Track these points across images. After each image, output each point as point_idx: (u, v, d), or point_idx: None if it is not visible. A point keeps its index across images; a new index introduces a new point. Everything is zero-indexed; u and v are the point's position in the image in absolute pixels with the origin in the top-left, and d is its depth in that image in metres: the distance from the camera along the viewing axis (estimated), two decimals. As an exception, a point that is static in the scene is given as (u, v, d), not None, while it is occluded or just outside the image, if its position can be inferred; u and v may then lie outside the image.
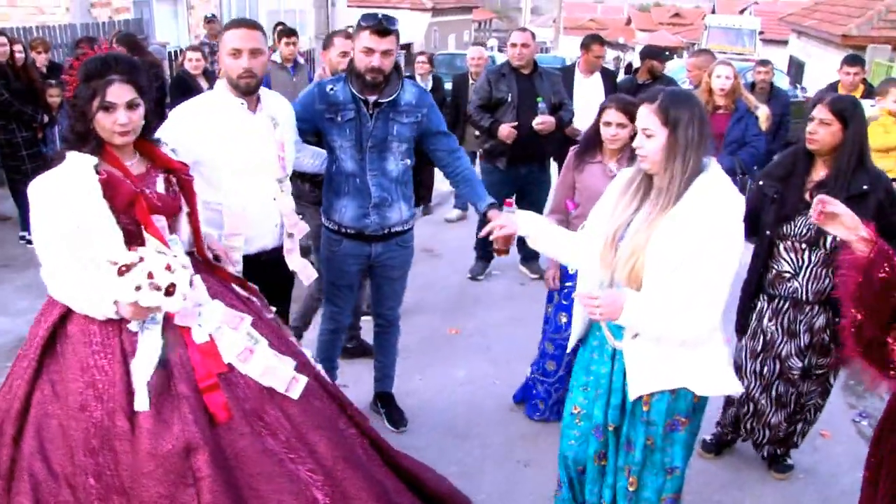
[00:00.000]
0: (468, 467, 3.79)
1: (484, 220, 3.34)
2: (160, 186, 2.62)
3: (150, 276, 2.27)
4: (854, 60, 6.56)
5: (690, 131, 2.37)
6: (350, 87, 3.40)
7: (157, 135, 2.84)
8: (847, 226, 2.23)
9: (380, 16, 3.29)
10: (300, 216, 3.38)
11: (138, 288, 2.26)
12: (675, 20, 50.67)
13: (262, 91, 3.21)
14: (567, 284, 3.88)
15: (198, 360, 2.46)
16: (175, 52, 11.76)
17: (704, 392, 2.53)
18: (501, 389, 4.51)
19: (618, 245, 2.50)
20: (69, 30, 9.83)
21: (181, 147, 2.89)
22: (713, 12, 35.86)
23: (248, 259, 3.14)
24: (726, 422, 3.79)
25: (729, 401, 3.74)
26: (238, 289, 2.84)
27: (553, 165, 5.96)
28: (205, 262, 2.80)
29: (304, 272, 3.37)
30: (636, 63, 7.85)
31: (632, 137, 3.57)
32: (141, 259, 2.30)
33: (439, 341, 4.78)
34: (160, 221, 2.56)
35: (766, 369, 3.46)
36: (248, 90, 3.06)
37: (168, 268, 2.31)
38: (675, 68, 12.87)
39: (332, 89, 3.41)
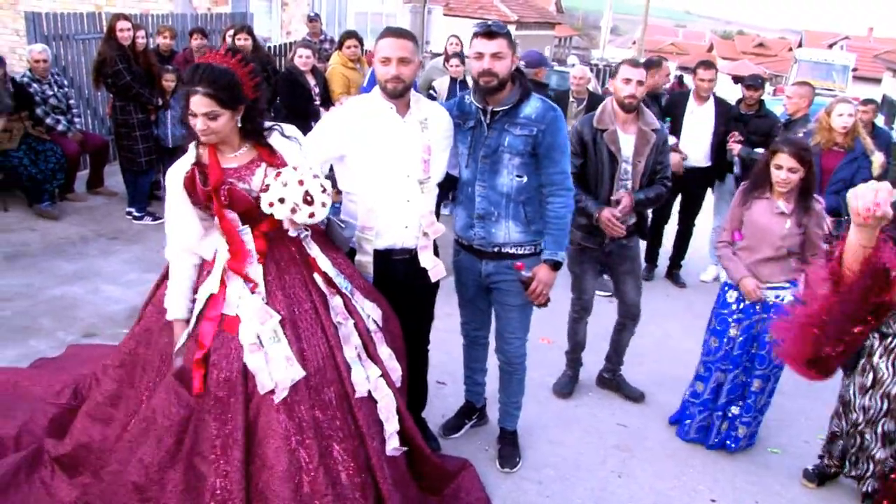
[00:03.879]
0: (562, 472, 3.89)
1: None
2: (257, 178, 2.90)
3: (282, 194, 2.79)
4: None
5: None
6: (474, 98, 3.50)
7: (317, 127, 3.29)
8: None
9: (489, 22, 3.41)
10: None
11: (271, 204, 2.79)
12: (759, 50, 49.93)
13: (418, 97, 3.40)
14: (722, 311, 4.03)
15: (204, 331, 2.84)
16: (271, 48, 12.10)
17: None
18: (590, 399, 4.61)
19: None
20: (180, 19, 10.19)
21: (330, 141, 3.27)
22: (800, 45, 35.21)
23: (379, 254, 3.37)
24: (834, 454, 3.82)
25: (835, 434, 3.76)
26: (320, 280, 3.02)
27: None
28: (296, 248, 3.03)
29: (435, 270, 3.48)
30: (720, 93, 7.69)
31: (802, 179, 3.68)
32: (277, 175, 2.82)
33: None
34: (232, 215, 2.89)
35: (873, 405, 3.47)
36: (394, 94, 3.22)
37: (300, 182, 2.79)
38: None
39: (468, 100, 3.51)
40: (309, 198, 2.79)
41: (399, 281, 3.42)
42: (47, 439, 3.29)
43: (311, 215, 2.82)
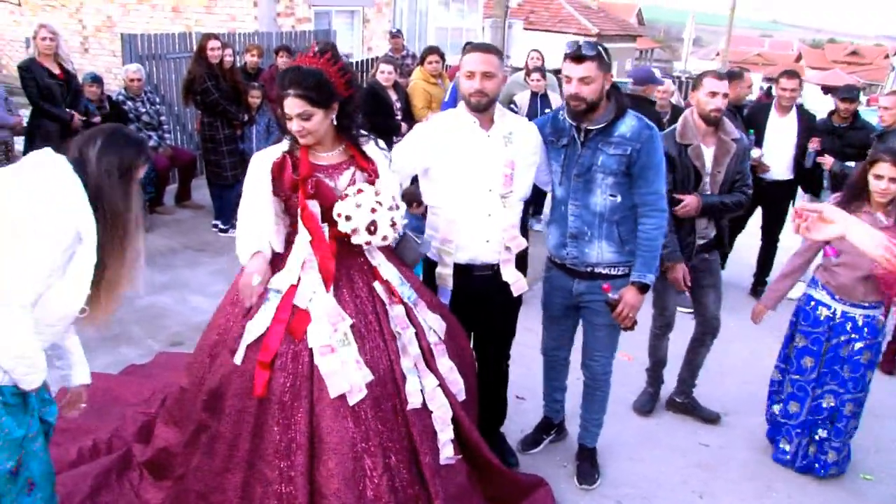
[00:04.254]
0: (642, 491, 3.81)
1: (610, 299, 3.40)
2: (344, 178, 2.97)
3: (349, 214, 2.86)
4: None
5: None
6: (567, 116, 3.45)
7: (402, 141, 3.41)
8: (830, 219, 2.17)
9: (579, 42, 3.32)
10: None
11: (339, 215, 2.86)
12: (851, 59, 48.21)
13: (504, 112, 3.40)
14: (815, 330, 3.90)
15: (273, 334, 2.84)
16: (353, 64, 12.31)
17: None
18: (671, 416, 4.53)
19: None
20: (265, 37, 10.49)
21: (414, 154, 3.35)
22: (896, 53, 33.82)
23: (460, 268, 3.39)
24: None
25: None
26: (380, 289, 3.05)
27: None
28: (364, 259, 3.07)
29: (517, 284, 3.45)
30: (809, 104, 7.38)
31: None
32: (359, 192, 2.89)
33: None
34: (315, 208, 2.93)
35: None
36: (478, 108, 3.24)
37: (373, 210, 2.85)
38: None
39: (562, 116, 3.46)
40: (373, 228, 2.85)
41: (481, 296, 3.42)
42: (135, 444, 3.41)
43: (368, 243, 2.90)
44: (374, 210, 2.85)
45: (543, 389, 4.07)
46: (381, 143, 3.18)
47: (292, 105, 2.82)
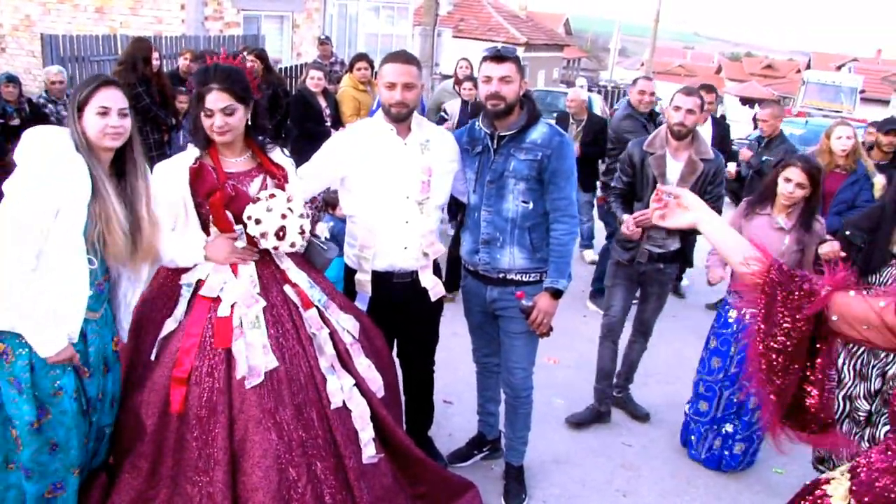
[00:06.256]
0: (568, 491, 3.92)
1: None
2: (255, 185, 2.97)
3: (258, 219, 2.86)
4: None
5: None
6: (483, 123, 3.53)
7: (318, 151, 3.41)
8: (686, 206, 2.08)
9: (498, 46, 3.45)
10: None
11: (249, 217, 2.85)
12: (767, 72, 50.07)
13: (421, 120, 3.46)
14: (724, 331, 4.08)
15: (186, 349, 2.83)
16: (282, 69, 12.24)
17: None
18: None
19: None
20: (193, 41, 10.36)
21: (330, 163, 3.39)
22: (808, 67, 35.28)
23: (379, 275, 3.43)
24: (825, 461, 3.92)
25: None
26: (291, 292, 3.06)
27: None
28: (275, 267, 3.09)
29: (434, 290, 3.50)
30: (730, 115, 7.72)
31: (805, 199, 3.75)
32: (271, 196, 2.89)
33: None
34: (229, 214, 2.93)
35: (835, 406, 3.52)
36: (398, 118, 3.30)
37: (283, 216, 2.86)
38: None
39: (478, 125, 3.54)
40: (282, 233, 2.86)
41: (401, 303, 3.47)
42: None
43: (276, 248, 2.92)
44: (284, 216, 2.86)
45: (477, 401, 4.07)
46: (286, 150, 3.20)
47: (216, 99, 2.81)
